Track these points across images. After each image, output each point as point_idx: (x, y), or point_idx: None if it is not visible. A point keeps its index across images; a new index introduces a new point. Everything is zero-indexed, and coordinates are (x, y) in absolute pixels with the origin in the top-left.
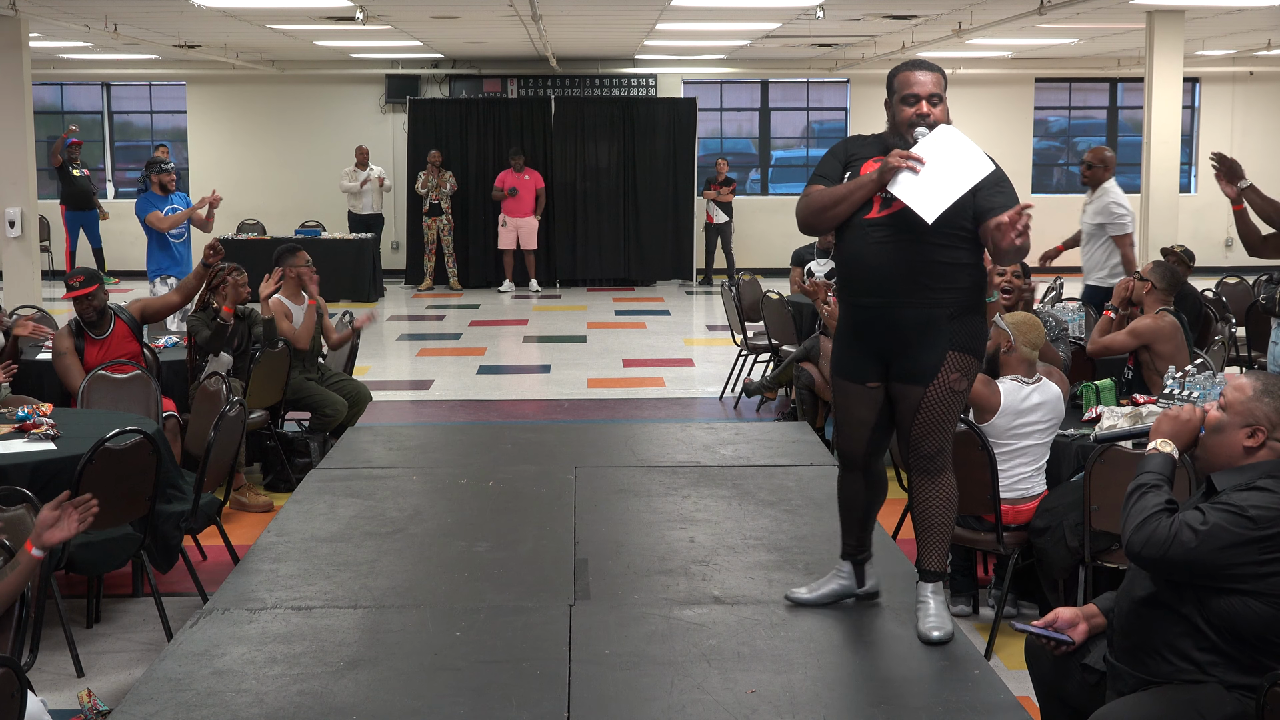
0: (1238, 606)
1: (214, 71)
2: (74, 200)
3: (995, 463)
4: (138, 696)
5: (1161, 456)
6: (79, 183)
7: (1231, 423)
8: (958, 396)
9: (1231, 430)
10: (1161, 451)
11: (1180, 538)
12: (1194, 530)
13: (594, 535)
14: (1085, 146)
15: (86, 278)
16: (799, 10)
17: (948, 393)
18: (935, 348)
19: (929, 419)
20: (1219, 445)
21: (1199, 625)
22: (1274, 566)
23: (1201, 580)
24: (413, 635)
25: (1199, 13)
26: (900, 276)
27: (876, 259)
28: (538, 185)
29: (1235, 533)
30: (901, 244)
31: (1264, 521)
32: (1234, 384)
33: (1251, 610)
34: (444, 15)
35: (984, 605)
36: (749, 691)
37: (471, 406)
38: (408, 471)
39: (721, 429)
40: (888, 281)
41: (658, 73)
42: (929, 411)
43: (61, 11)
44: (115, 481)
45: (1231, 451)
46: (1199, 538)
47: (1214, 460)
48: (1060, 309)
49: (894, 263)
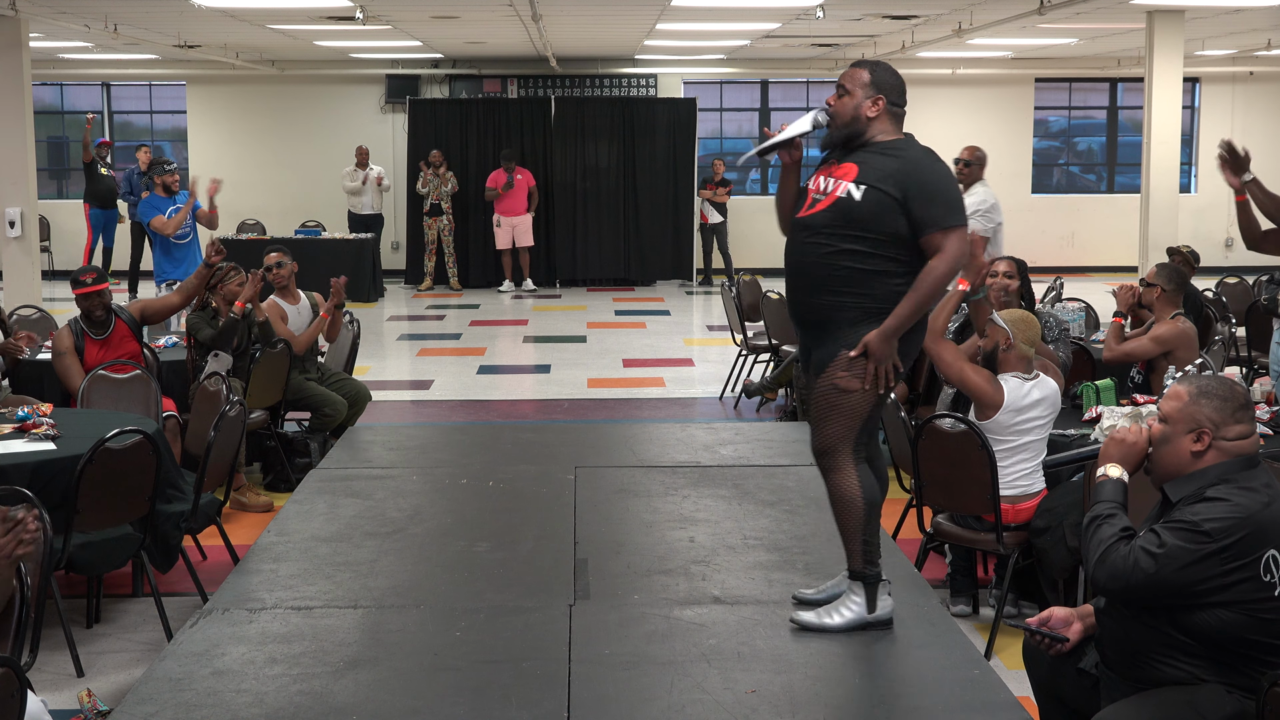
0: (1211, 620)
1: (214, 71)
2: (99, 199)
3: (995, 462)
4: (138, 696)
5: (1112, 483)
6: (105, 181)
7: (1176, 431)
8: (842, 396)
9: (1177, 439)
10: (1111, 477)
11: (1140, 565)
12: (1151, 555)
13: (594, 535)
14: (1085, 146)
15: (98, 275)
16: (799, 10)
17: (831, 389)
18: (831, 344)
19: (816, 412)
20: (1168, 456)
21: (1180, 639)
22: (1238, 575)
23: (1169, 600)
24: (413, 635)
25: (1199, 13)
26: (808, 275)
27: (792, 256)
28: (529, 183)
29: (1192, 550)
30: (815, 244)
31: (1219, 533)
32: (1169, 394)
33: (1225, 620)
34: (444, 15)
35: (984, 605)
36: (749, 691)
37: (471, 406)
38: (408, 471)
39: (721, 429)
40: (797, 279)
41: (658, 73)
42: (816, 404)
43: (61, 11)
44: (115, 481)
45: (1180, 459)
46: (1157, 562)
47: (1165, 471)
48: (1060, 309)
49: (803, 261)
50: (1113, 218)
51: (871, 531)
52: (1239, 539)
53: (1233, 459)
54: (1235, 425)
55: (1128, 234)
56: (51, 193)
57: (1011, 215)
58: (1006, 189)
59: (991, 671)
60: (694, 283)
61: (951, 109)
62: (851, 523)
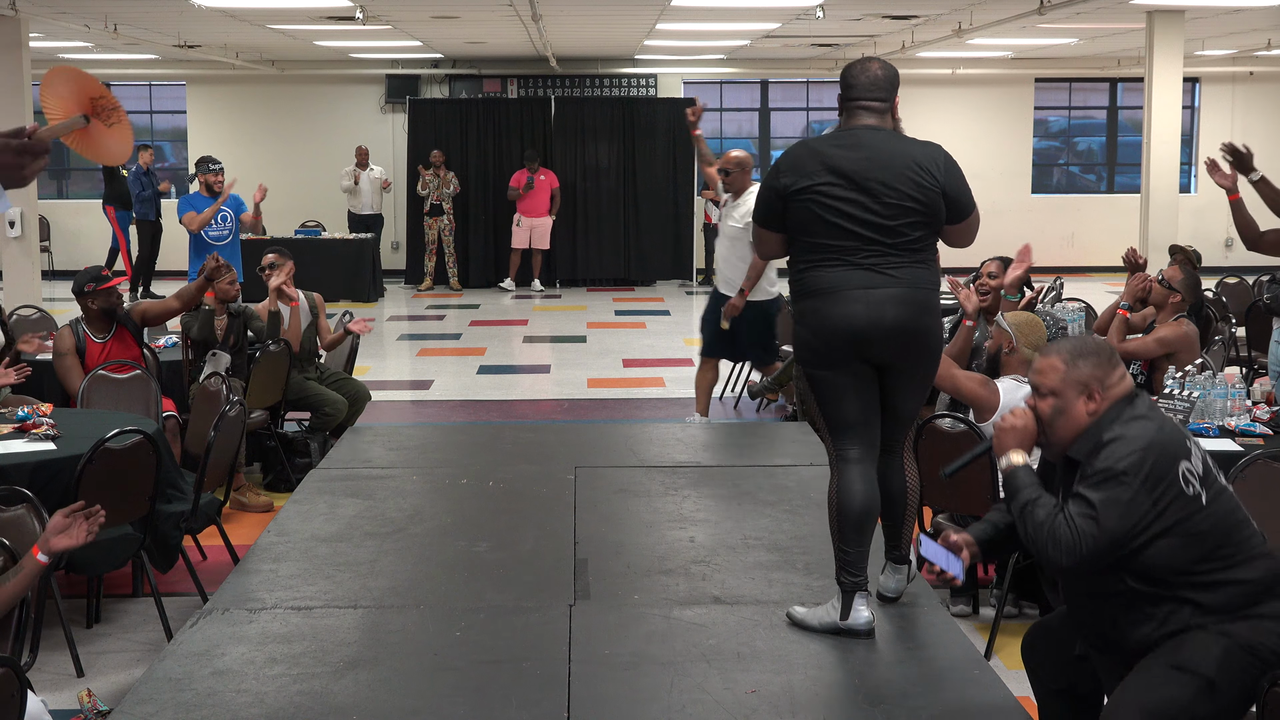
0: (1157, 554)
1: (214, 71)
2: (120, 200)
3: (995, 463)
4: (138, 696)
5: (1023, 469)
6: (124, 183)
7: (1068, 400)
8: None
9: (1072, 405)
10: (1018, 464)
11: (1086, 531)
12: (1089, 518)
13: (594, 535)
14: (1085, 146)
15: (112, 272)
16: (799, 10)
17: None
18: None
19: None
20: (1065, 425)
21: (1142, 589)
22: (1165, 498)
23: (1121, 552)
24: (413, 635)
25: (1199, 13)
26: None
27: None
28: (553, 185)
29: (1120, 495)
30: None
31: (1134, 468)
32: (1041, 369)
33: (1168, 548)
34: (444, 15)
35: (984, 605)
36: (749, 691)
37: (471, 406)
38: (408, 471)
39: (721, 429)
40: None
41: (658, 73)
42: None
43: (61, 11)
44: (115, 481)
45: (1079, 423)
46: (1098, 523)
47: (1065, 439)
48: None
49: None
50: (1113, 218)
51: (847, 541)
52: (1152, 465)
53: (1114, 403)
54: (1114, 372)
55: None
56: (51, 193)
57: (1012, 215)
58: (1006, 189)
59: (991, 671)
60: (694, 283)
61: (951, 109)
62: (830, 525)
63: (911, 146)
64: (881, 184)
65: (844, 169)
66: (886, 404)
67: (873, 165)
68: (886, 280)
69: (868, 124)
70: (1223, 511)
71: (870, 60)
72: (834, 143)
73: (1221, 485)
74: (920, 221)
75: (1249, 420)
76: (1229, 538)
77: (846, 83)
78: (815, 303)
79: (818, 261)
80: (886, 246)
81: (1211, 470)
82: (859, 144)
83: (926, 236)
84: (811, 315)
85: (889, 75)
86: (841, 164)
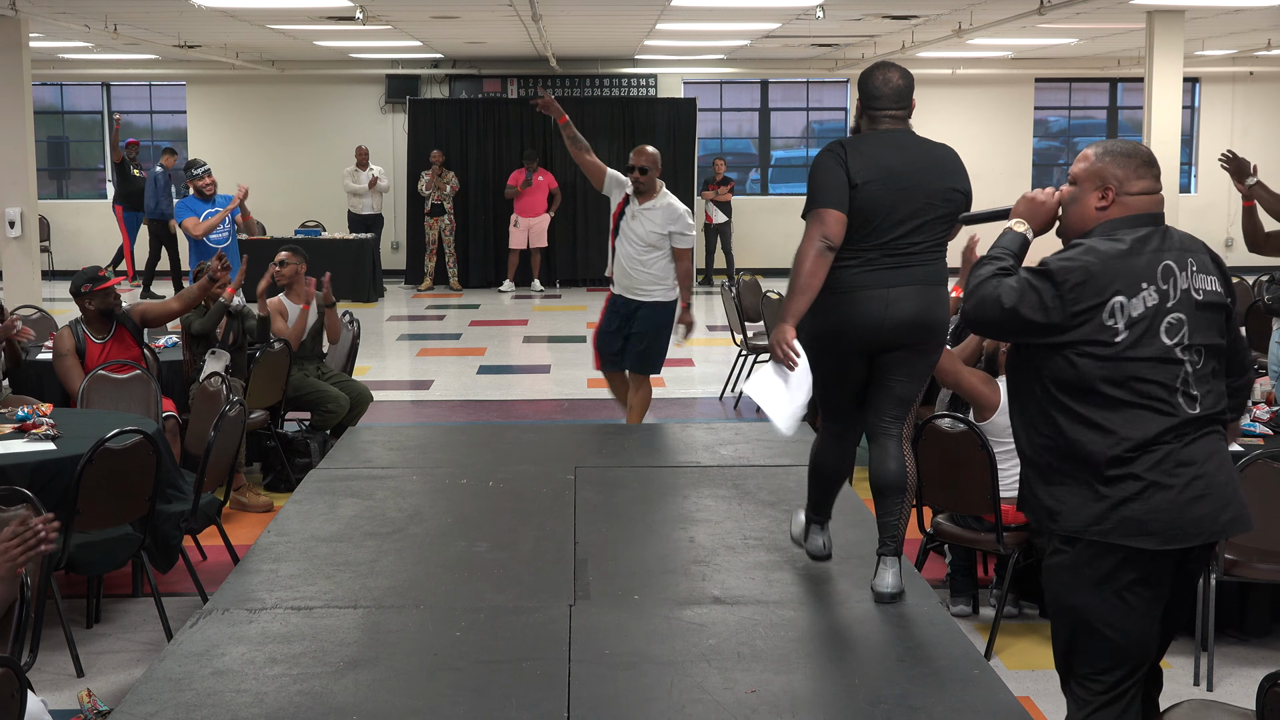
0: (1064, 365)
1: (214, 71)
2: (130, 200)
3: (995, 462)
4: (138, 696)
5: (1013, 234)
6: (136, 182)
7: (1084, 190)
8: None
9: (1085, 195)
10: (1015, 230)
11: (1001, 298)
12: (1014, 289)
13: (594, 535)
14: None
15: (114, 272)
16: (799, 10)
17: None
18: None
19: None
20: (1076, 215)
21: (1054, 398)
22: (1083, 316)
23: (1025, 338)
24: (413, 635)
25: (1199, 13)
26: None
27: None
28: (551, 185)
29: (1039, 288)
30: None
31: (1060, 273)
32: (1079, 157)
33: (1075, 366)
34: (444, 15)
35: (984, 605)
36: (749, 691)
37: (471, 406)
38: (408, 471)
39: (721, 429)
40: None
41: (658, 73)
42: None
43: (61, 11)
44: (115, 481)
45: (1087, 216)
46: (1017, 298)
47: (1073, 231)
48: None
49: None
50: None
51: (814, 489)
52: (1081, 281)
53: (1129, 215)
54: (1138, 181)
55: None
56: (51, 193)
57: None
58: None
59: (991, 671)
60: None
61: (951, 109)
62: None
63: (940, 150)
64: (924, 186)
65: (895, 169)
66: (887, 382)
67: (921, 168)
68: (910, 276)
69: (898, 129)
70: (1131, 358)
71: (891, 70)
72: (878, 142)
73: (1162, 344)
74: (948, 219)
75: (1249, 420)
76: (1120, 387)
77: (871, 93)
78: (836, 299)
79: (848, 259)
80: (916, 243)
81: (1158, 328)
82: (904, 145)
83: (946, 233)
84: (829, 311)
85: (909, 84)
86: (892, 164)
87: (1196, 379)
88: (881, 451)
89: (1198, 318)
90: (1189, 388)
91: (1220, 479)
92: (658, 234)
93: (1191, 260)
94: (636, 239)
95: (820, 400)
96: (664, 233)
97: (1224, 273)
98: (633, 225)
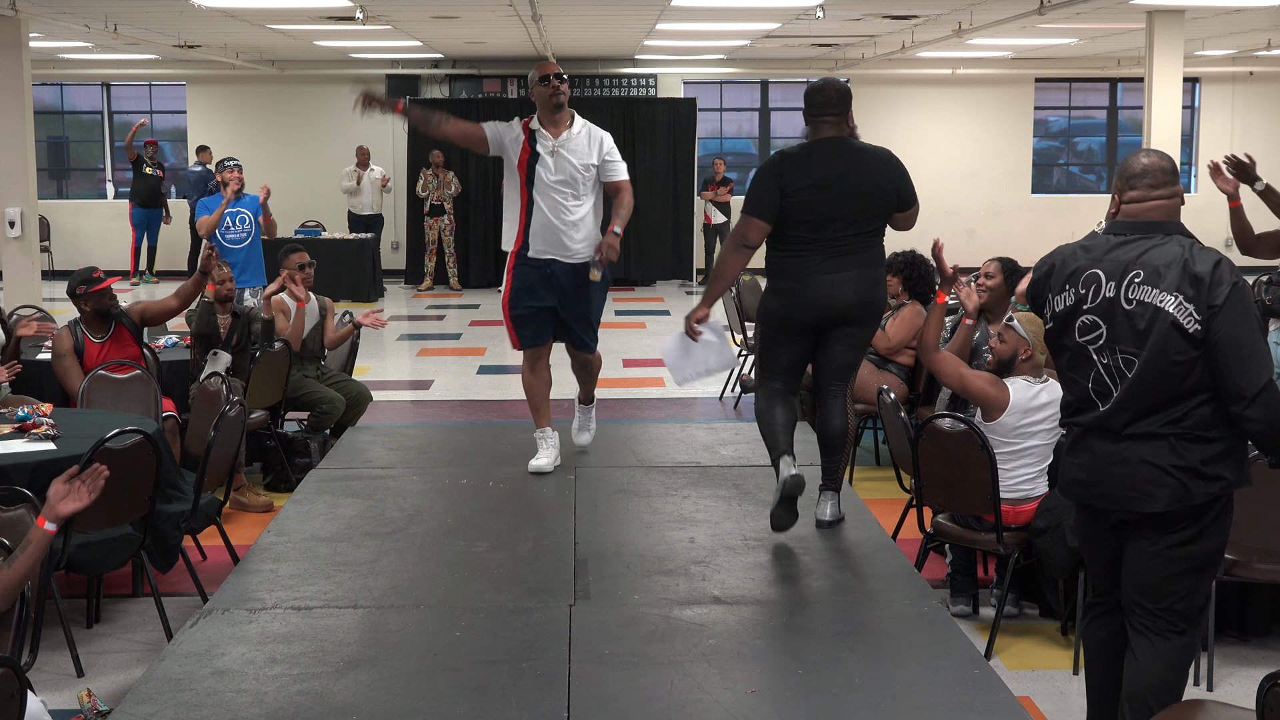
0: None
1: (214, 71)
2: (141, 197)
3: (995, 463)
4: (138, 696)
5: None
6: (149, 180)
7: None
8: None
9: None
10: None
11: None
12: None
13: (594, 535)
14: (1085, 146)
15: (104, 273)
16: (799, 10)
17: None
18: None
19: None
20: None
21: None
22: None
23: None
24: (413, 635)
25: (1199, 13)
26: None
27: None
28: None
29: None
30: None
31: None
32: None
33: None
34: (444, 15)
35: (984, 605)
36: (749, 691)
37: (471, 406)
38: (408, 471)
39: (721, 429)
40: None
41: (658, 73)
42: None
43: (61, 11)
44: (115, 481)
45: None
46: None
47: None
48: None
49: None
50: None
51: (768, 436)
52: (1046, 271)
53: (1124, 220)
54: (1129, 190)
55: None
56: (51, 193)
57: (1012, 215)
58: (1006, 189)
59: (991, 671)
60: (694, 283)
61: (951, 109)
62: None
63: (872, 153)
64: (853, 187)
65: (824, 176)
66: (832, 352)
67: (847, 171)
68: (849, 262)
69: (831, 135)
70: (1055, 345)
71: (828, 83)
72: (812, 152)
73: (1075, 341)
74: (879, 214)
75: None
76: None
77: (810, 101)
78: (790, 284)
79: (797, 249)
80: (852, 235)
81: (1073, 326)
82: (835, 153)
83: (881, 225)
84: (785, 294)
85: (842, 93)
86: (825, 172)
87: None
88: (828, 410)
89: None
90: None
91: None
92: (591, 165)
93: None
94: (562, 182)
95: (767, 364)
96: (595, 163)
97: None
98: (555, 164)
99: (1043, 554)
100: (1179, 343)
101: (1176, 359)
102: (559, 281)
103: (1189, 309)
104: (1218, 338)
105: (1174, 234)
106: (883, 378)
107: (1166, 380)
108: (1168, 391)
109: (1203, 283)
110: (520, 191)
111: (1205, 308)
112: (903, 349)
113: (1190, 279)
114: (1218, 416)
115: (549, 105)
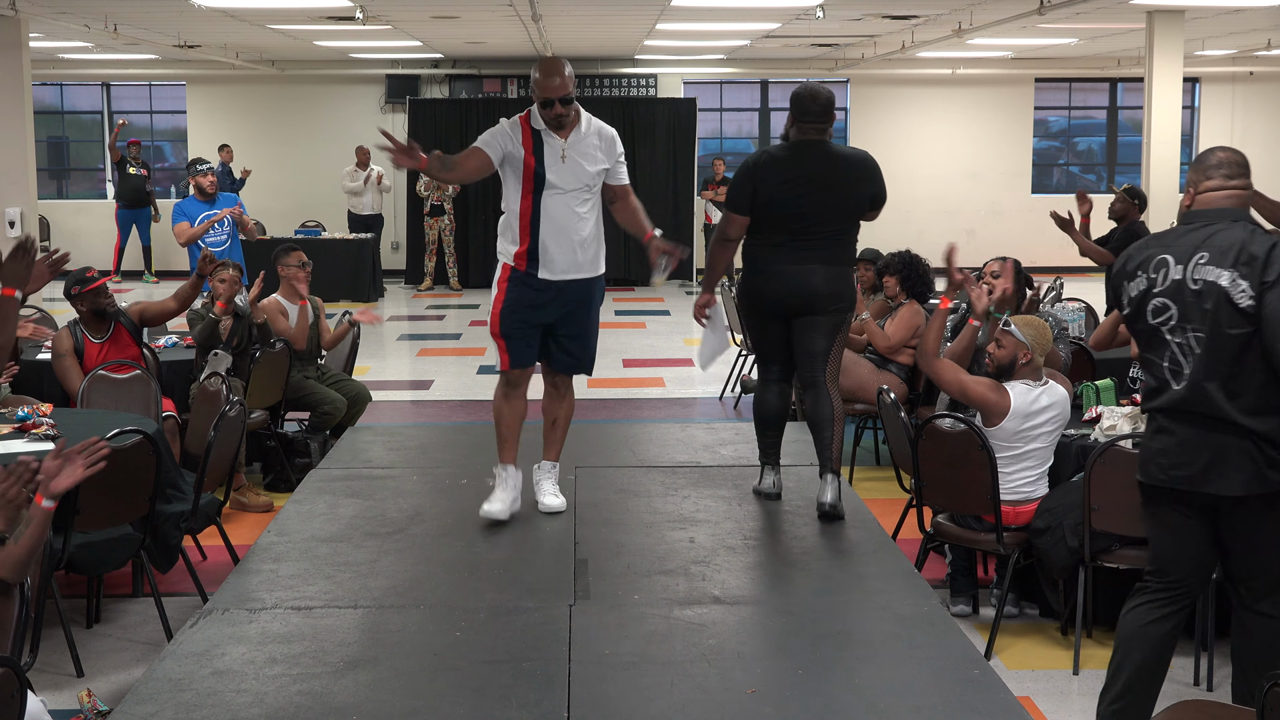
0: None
1: (214, 71)
2: (126, 198)
3: (995, 463)
4: (138, 696)
5: None
6: (133, 180)
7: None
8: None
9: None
10: None
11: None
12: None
13: (594, 535)
14: (1085, 146)
15: (98, 273)
16: (799, 10)
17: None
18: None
19: None
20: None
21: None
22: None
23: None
24: (413, 635)
25: (1199, 13)
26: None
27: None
28: None
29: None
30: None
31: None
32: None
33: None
34: (444, 15)
35: (984, 605)
36: (749, 691)
37: (471, 406)
38: (408, 471)
39: (721, 429)
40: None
41: (658, 73)
42: None
43: (61, 11)
44: (115, 481)
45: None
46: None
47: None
48: (1060, 309)
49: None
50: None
51: (761, 434)
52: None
53: (1196, 210)
54: (1206, 180)
55: None
56: (51, 193)
57: (1012, 215)
58: (1006, 189)
59: (991, 671)
60: (694, 283)
61: (951, 109)
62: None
63: (850, 157)
64: (828, 188)
65: (800, 177)
66: (805, 341)
67: (825, 174)
68: (816, 257)
69: (814, 139)
70: (1133, 330)
71: (820, 93)
72: (794, 153)
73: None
74: (851, 216)
75: None
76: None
77: (802, 108)
78: (760, 273)
79: (771, 242)
80: (824, 233)
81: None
82: (815, 156)
83: (853, 226)
84: (762, 283)
85: (831, 103)
86: (799, 173)
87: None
88: (814, 396)
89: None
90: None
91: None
92: (604, 168)
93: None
94: (574, 189)
95: (759, 349)
96: (607, 166)
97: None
98: (566, 169)
99: (1043, 554)
100: (1234, 316)
101: (1231, 332)
102: (564, 299)
103: (1243, 285)
104: (1268, 311)
105: (1240, 220)
106: (883, 378)
107: (1228, 353)
108: (1232, 366)
109: (1257, 260)
110: (523, 200)
111: (1259, 284)
112: (902, 349)
113: (1247, 258)
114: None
115: (552, 123)
